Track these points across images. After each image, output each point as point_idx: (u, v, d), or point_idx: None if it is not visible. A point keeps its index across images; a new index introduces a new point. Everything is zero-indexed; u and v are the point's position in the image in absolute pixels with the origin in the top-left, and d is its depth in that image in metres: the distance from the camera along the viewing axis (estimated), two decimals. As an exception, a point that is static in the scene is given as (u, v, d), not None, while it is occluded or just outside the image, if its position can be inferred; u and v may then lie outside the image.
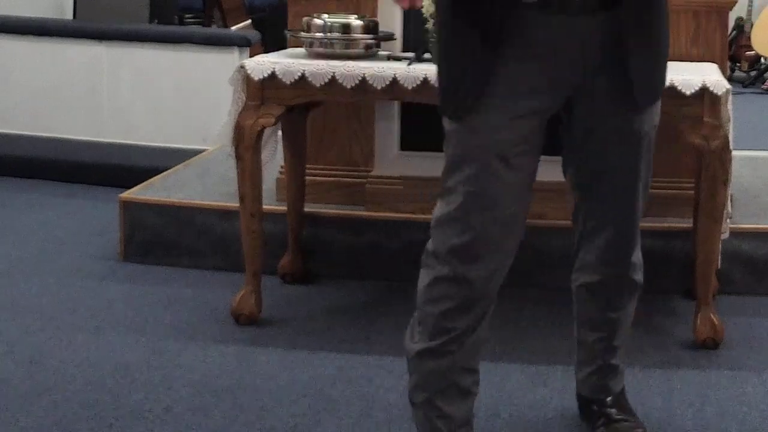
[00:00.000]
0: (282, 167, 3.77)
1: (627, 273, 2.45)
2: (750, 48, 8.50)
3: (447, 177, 2.21)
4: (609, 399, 2.57)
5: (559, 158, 2.54)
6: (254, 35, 5.76)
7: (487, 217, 2.17)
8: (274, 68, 3.18)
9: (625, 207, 2.37)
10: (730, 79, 4.64)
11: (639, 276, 2.49)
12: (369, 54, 3.30)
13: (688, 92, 3.01)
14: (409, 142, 3.77)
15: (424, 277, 2.24)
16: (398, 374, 2.93)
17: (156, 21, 6.20)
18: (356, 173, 3.84)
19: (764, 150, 5.13)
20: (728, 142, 3.05)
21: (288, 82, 3.18)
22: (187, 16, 7.53)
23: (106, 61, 5.56)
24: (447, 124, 2.23)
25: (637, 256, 2.47)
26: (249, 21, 7.44)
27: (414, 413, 2.33)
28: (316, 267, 3.73)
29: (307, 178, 3.69)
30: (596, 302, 2.51)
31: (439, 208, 2.21)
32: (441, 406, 2.27)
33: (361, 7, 3.69)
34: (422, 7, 3.26)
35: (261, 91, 3.20)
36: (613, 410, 2.55)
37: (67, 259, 3.94)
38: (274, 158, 3.61)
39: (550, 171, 2.98)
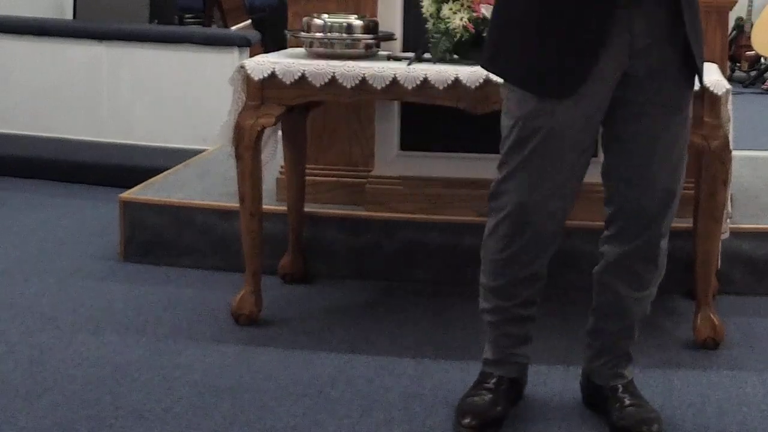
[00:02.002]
0: (282, 167, 3.76)
1: (656, 242, 2.54)
2: (750, 48, 8.50)
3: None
4: (622, 386, 2.66)
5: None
6: (254, 35, 5.76)
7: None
8: (274, 68, 3.18)
9: (659, 179, 2.49)
10: (730, 79, 4.64)
11: (663, 261, 2.59)
12: (369, 54, 3.30)
13: (688, 92, 3.01)
14: (409, 142, 3.76)
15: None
16: (398, 374, 2.93)
17: (156, 21, 6.20)
18: (356, 173, 3.84)
19: (764, 150, 5.13)
20: (728, 142, 3.05)
21: (288, 82, 3.18)
22: (187, 16, 7.53)
23: (106, 61, 5.56)
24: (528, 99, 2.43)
25: (665, 243, 2.57)
26: (249, 21, 7.44)
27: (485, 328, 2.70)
28: (316, 267, 3.73)
29: (307, 178, 3.69)
30: (622, 279, 2.58)
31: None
32: (504, 327, 2.66)
33: (361, 7, 3.68)
34: (422, 7, 3.27)
35: (261, 91, 3.20)
36: (626, 395, 2.64)
37: (67, 259, 3.94)
38: (274, 158, 3.61)
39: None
